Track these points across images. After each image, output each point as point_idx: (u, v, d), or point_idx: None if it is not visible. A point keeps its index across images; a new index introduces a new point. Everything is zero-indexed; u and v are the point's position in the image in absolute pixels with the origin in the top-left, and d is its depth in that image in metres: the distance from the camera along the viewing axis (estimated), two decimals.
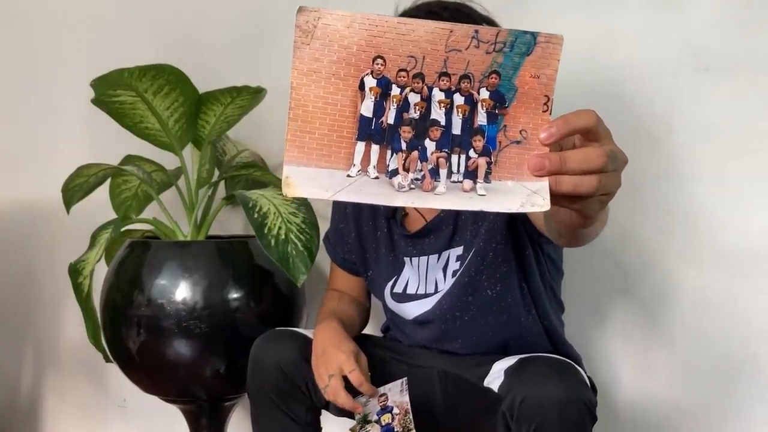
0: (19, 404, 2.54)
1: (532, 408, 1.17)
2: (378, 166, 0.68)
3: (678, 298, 1.68)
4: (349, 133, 0.68)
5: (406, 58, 0.67)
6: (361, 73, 0.68)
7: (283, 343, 1.41)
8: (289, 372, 1.38)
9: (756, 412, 1.63)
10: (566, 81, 1.73)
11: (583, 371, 1.44)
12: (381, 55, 0.67)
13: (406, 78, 0.68)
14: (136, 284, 1.76)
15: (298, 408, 1.40)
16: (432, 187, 0.68)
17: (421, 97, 0.69)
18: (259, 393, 1.41)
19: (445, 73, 0.68)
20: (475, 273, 1.41)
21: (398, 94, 0.68)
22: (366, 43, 0.67)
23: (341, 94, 0.68)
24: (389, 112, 0.69)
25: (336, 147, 0.68)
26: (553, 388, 1.18)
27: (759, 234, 1.61)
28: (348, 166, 0.68)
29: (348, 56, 0.67)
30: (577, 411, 1.18)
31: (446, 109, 0.69)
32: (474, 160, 0.69)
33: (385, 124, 0.69)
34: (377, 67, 0.68)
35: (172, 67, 1.76)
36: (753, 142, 1.61)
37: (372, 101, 0.68)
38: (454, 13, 1.37)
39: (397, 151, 0.68)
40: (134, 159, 1.99)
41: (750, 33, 1.60)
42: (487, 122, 0.69)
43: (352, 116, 0.68)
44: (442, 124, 0.69)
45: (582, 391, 1.20)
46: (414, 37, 0.67)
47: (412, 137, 0.69)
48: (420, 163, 0.69)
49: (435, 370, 1.45)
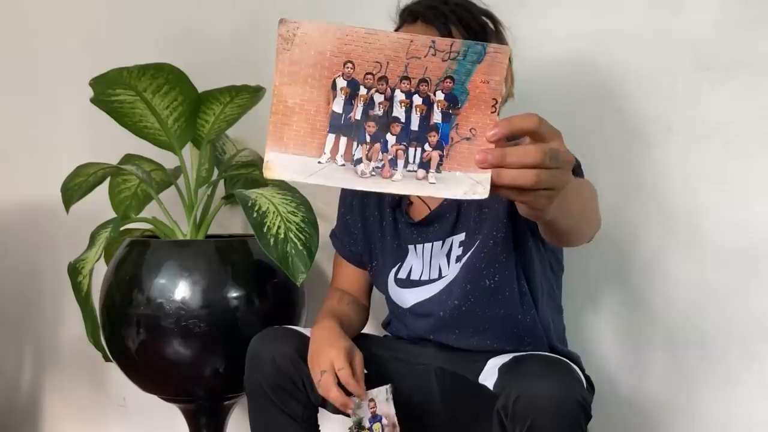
0: (18, 403, 2.54)
1: (526, 406, 1.18)
2: (345, 155, 0.79)
3: (678, 297, 1.68)
4: (321, 126, 0.80)
5: (372, 63, 0.79)
6: (334, 75, 0.80)
7: (280, 340, 1.42)
8: (285, 368, 1.39)
9: (756, 411, 1.63)
10: (566, 81, 1.74)
11: (579, 370, 1.45)
12: (351, 60, 0.79)
13: (372, 80, 0.79)
14: (136, 283, 1.76)
15: (295, 405, 1.40)
16: (390, 174, 0.79)
17: (384, 97, 0.79)
18: (256, 389, 1.42)
19: (406, 77, 0.79)
20: (475, 261, 1.42)
21: (365, 94, 0.80)
22: (338, 50, 0.80)
23: (316, 92, 0.80)
24: (357, 109, 0.80)
25: (310, 138, 0.80)
26: (546, 386, 1.18)
27: (759, 233, 1.61)
28: (319, 155, 0.79)
29: (322, 60, 0.80)
30: (571, 409, 1.18)
31: (406, 108, 0.79)
32: (428, 153, 0.79)
33: (353, 120, 0.80)
34: (347, 71, 0.80)
35: (171, 66, 1.76)
36: (753, 142, 1.60)
37: (342, 99, 0.79)
38: (454, 7, 1.38)
39: (362, 143, 0.79)
40: (133, 158, 1.99)
41: (750, 33, 1.59)
42: (442, 120, 0.79)
43: (325, 112, 0.80)
44: (402, 120, 0.80)
45: (576, 388, 1.20)
46: (379, 46, 0.79)
47: (375, 131, 0.79)
48: (381, 154, 0.79)
49: (432, 367, 1.46)
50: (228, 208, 2.07)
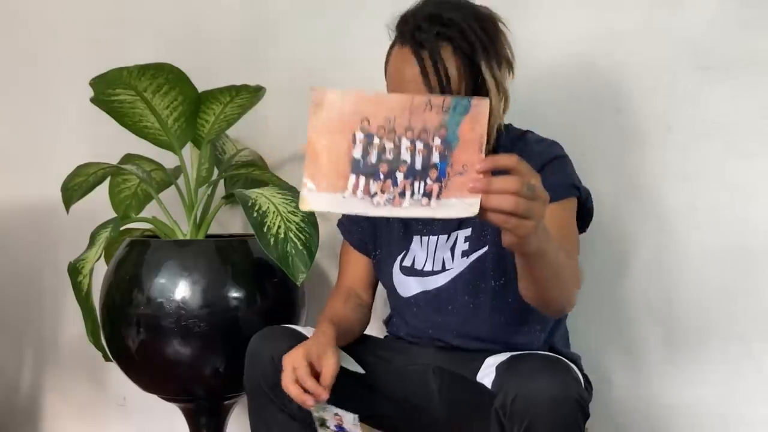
0: (18, 403, 2.54)
1: (524, 405, 1.18)
2: (363, 190, 1.00)
3: (677, 297, 1.68)
4: (344, 169, 1.00)
5: (383, 118, 1.00)
6: (354, 129, 1.00)
7: (278, 338, 1.42)
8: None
9: (755, 411, 1.63)
10: (566, 80, 1.74)
11: (577, 369, 1.45)
12: (367, 117, 1.00)
13: (383, 132, 1.00)
14: (136, 283, 1.76)
15: (292, 403, 1.40)
16: (399, 203, 1.00)
17: (393, 144, 1.00)
18: (255, 387, 1.42)
19: (410, 128, 1.00)
20: (483, 260, 1.44)
21: (378, 143, 1.00)
22: (356, 110, 1.00)
23: (339, 143, 1.00)
24: (372, 155, 1.00)
25: (335, 179, 1.00)
26: (544, 385, 1.18)
27: (759, 233, 1.61)
28: (343, 191, 1.00)
29: (344, 119, 1.01)
30: (569, 408, 1.18)
31: (411, 152, 1.00)
32: (430, 185, 0.99)
33: (369, 163, 1.00)
34: (364, 125, 1.00)
35: (171, 66, 1.76)
36: (753, 141, 1.61)
37: (361, 148, 1.00)
38: (442, 28, 1.33)
39: (377, 180, 1.00)
40: (134, 158, 1.99)
41: (749, 32, 1.60)
42: (439, 160, 0.99)
43: (347, 157, 1.00)
44: (408, 162, 1.00)
45: (574, 387, 1.20)
46: (388, 106, 1.00)
47: (387, 171, 1.00)
48: (392, 188, 1.00)
49: (430, 366, 1.46)
50: (228, 207, 2.07)
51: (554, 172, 1.39)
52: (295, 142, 2.07)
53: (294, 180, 1.89)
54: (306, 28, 2.05)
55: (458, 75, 1.32)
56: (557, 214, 1.35)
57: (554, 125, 1.67)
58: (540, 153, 1.41)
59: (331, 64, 2.02)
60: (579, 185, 1.43)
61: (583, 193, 1.44)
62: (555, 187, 1.34)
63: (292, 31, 2.07)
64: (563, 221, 1.38)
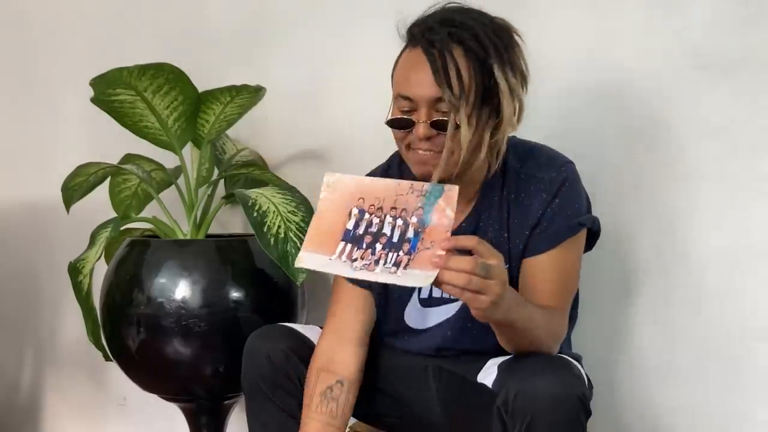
0: (19, 403, 2.54)
1: (526, 403, 1.18)
2: (347, 256, 1.18)
3: (677, 297, 1.68)
4: (337, 236, 1.19)
5: (374, 198, 1.19)
6: (350, 206, 1.20)
7: (275, 337, 1.43)
8: (279, 364, 1.39)
9: (755, 411, 1.63)
10: (566, 80, 1.74)
11: (580, 367, 1.44)
12: (362, 197, 1.20)
13: (373, 209, 1.19)
14: (136, 283, 1.77)
15: (290, 401, 1.41)
16: (373, 269, 1.15)
17: (379, 220, 1.18)
18: (252, 386, 1.42)
19: (394, 207, 1.18)
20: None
21: (368, 217, 1.19)
22: (356, 191, 1.21)
23: (339, 216, 1.20)
24: (361, 227, 1.18)
25: (328, 244, 1.19)
26: (546, 382, 1.18)
27: (758, 233, 1.61)
28: (332, 254, 1.18)
29: (346, 197, 1.21)
30: (571, 405, 1.18)
31: (392, 227, 1.17)
32: (400, 257, 1.15)
33: (358, 234, 1.18)
34: (359, 203, 1.20)
35: (171, 66, 1.76)
36: (752, 141, 1.61)
37: (354, 221, 1.19)
38: (455, 29, 1.31)
39: (360, 249, 1.17)
40: (134, 158, 1.99)
41: (749, 31, 1.60)
42: (413, 236, 1.16)
43: (342, 227, 1.19)
44: (388, 235, 1.17)
45: (576, 385, 1.21)
46: (380, 189, 1.20)
47: (370, 241, 1.17)
48: (370, 256, 1.16)
49: (429, 367, 1.46)
50: (228, 207, 2.07)
51: (561, 208, 1.37)
52: (295, 142, 2.08)
53: (294, 180, 1.89)
54: (306, 28, 2.05)
55: (469, 75, 1.29)
56: (557, 261, 1.36)
57: (554, 125, 1.67)
58: (549, 182, 1.37)
59: (331, 64, 2.02)
60: (584, 218, 1.40)
61: (588, 223, 1.41)
62: (556, 233, 1.37)
63: (292, 31, 2.07)
64: (563, 266, 1.38)
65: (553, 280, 1.37)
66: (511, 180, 1.40)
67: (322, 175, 1.25)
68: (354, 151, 1.94)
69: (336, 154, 2.00)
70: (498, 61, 1.30)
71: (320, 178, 1.24)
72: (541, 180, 1.37)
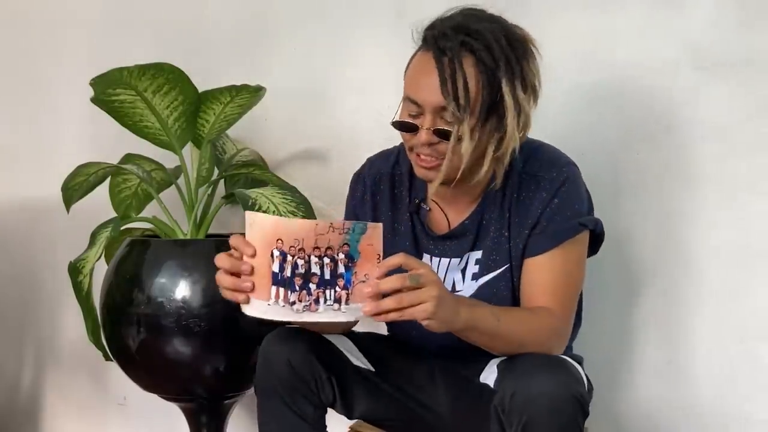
0: (19, 403, 2.54)
1: (522, 402, 1.18)
2: (283, 299, 1.17)
3: (677, 297, 1.68)
4: (267, 281, 1.17)
5: (293, 240, 1.16)
6: (270, 247, 1.16)
7: (295, 340, 1.39)
8: (300, 370, 1.38)
9: (755, 411, 1.63)
10: (566, 80, 1.74)
11: (580, 368, 1.44)
12: (280, 238, 1.16)
13: (294, 250, 1.16)
14: (136, 283, 1.77)
15: (306, 406, 1.39)
16: (315, 309, 1.17)
17: (304, 260, 1.16)
18: (268, 390, 1.40)
19: (317, 247, 1.16)
20: (492, 284, 1.41)
21: (291, 259, 1.16)
22: (273, 232, 1.16)
23: (264, 258, 1.17)
24: (287, 270, 1.16)
25: (262, 289, 1.18)
26: (543, 382, 1.18)
27: (758, 233, 1.61)
28: (268, 299, 1.17)
29: (265, 239, 1.17)
30: (568, 405, 1.18)
31: (320, 266, 1.16)
32: (339, 293, 1.17)
33: (285, 276, 1.17)
34: (278, 244, 1.16)
35: (171, 65, 1.76)
36: (752, 142, 1.61)
37: (278, 263, 1.16)
38: (467, 38, 1.29)
39: (293, 291, 1.17)
40: (134, 158, 1.99)
41: (748, 32, 1.60)
42: (345, 271, 1.16)
43: (269, 271, 1.17)
44: (318, 274, 1.16)
45: (573, 385, 1.20)
46: (295, 230, 1.16)
47: (301, 282, 1.17)
48: (307, 297, 1.17)
49: (437, 367, 1.46)
50: (228, 207, 2.07)
51: (560, 208, 1.36)
52: (295, 142, 2.08)
53: (294, 180, 1.89)
54: (306, 28, 2.05)
55: (477, 88, 1.28)
56: (557, 261, 1.35)
57: (554, 125, 1.67)
58: (550, 181, 1.37)
59: (331, 64, 2.02)
60: (585, 219, 1.38)
61: (590, 224, 1.39)
62: (556, 233, 1.36)
63: (292, 31, 2.07)
64: (562, 267, 1.36)
65: (551, 280, 1.36)
66: (513, 179, 1.40)
67: (322, 175, 1.26)
68: (354, 151, 1.94)
69: (336, 154, 2.00)
70: (507, 76, 1.28)
71: (320, 178, 1.25)
72: (541, 179, 1.37)
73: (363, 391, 1.43)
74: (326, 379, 1.39)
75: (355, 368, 1.44)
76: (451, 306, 1.19)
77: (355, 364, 1.44)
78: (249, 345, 1.50)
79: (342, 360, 1.43)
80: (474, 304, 1.28)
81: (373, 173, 1.52)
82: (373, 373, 1.45)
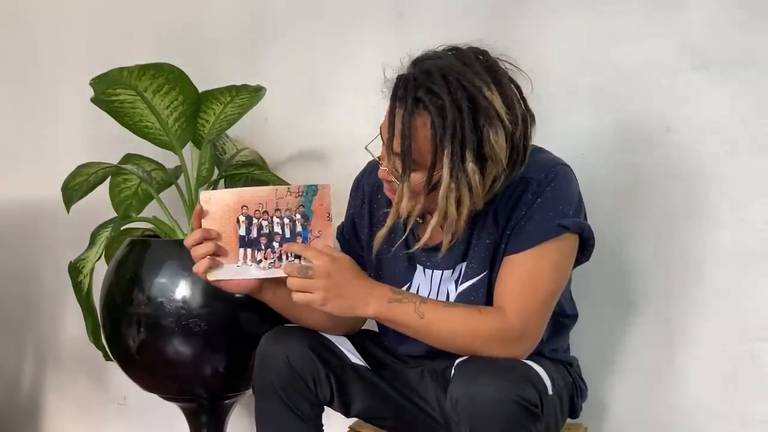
0: (19, 402, 2.55)
1: (466, 408, 1.18)
2: (251, 259, 1.36)
3: (677, 297, 1.68)
4: (234, 245, 1.35)
5: (256, 204, 1.35)
6: (237, 215, 1.35)
7: (293, 339, 1.41)
8: (298, 368, 1.38)
9: (755, 410, 1.63)
10: (566, 80, 1.74)
11: (566, 371, 1.44)
12: (245, 204, 1.35)
13: (259, 214, 1.35)
14: (136, 283, 1.77)
15: (303, 404, 1.40)
16: (279, 265, 1.34)
17: (267, 222, 1.35)
18: (266, 388, 1.41)
19: (278, 209, 1.35)
20: (473, 288, 1.40)
21: (256, 222, 1.35)
22: (237, 201, 1.35)
23: (229, 227, 1.35)
24: (252, 232, 1.35)
25: (230, 253, 1.35)
26: (483, 388, 1.18)
27: (757, 233, 1.61)
28: (236, 261, 1.36)
29: (229, 208, 1.35)
30: (510, 410, 1.17)
31: (281, 225, 1.35)
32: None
33: (251, 238, 1.35)
34: (243, 210, 1.35)
35: (171, 65, 1.76)
36: (752, 142, 1.61)
37: (244, 227, 1.35)
38: (422, 94, 1.25)
39: (259, 250, 1.36)
40: (134, 158, 1.99)
41: (747, 32, 1.60)
42: (302, 229, 1.35)
43: (236, 236, 1.35)
44: (280, 233, 1.35)
45: (516, 389, 1.18)
46: (260, 195, 1.35)
47: (266, 242, 1.35)
48: (272, 254, 1.35)
49: (425, 368, 1.47)
50: None
51: (543, 207, 1.33)
52: (295, 142, 2.08)
53: (294, 180, 1.89)
54: (306, 28, 2.05)
55: (425, 147, 1.26)
56: (531, 261, 1.32)
57: (554, 125, 1.67)
58: (538, 182, 1.34)
59: (331, 64, 2.02)
60: (568, 221, 1.33)
61: (572, 226, 1.33)
62: (533, 232, 1.32)
63: (292, 31, 2.07)
64: (535, 268, 1.32)
65: (518, 281, 1.32)
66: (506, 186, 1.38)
67: (322, 175, 1.27)
68: (354, 151, 1.93)
69: (336, 154, 2.00)
70: (450, 145, 1.23)
71: (320, 178, 1.26)
72: (530, 181, 1.34)
73: (360, 388, 1.44)
74: (324, 376, 1.40)
75: (353, 366, 1.44)
76: (351, 298, 1.30)
77: (353, 362, 1.45)
78: (249, 345, 1.50)
79: (340, 358, 1.44)
80: (401, 299, 1.31)
81: (372, 181, 1.52)
82: (371, 371, 1.46)
